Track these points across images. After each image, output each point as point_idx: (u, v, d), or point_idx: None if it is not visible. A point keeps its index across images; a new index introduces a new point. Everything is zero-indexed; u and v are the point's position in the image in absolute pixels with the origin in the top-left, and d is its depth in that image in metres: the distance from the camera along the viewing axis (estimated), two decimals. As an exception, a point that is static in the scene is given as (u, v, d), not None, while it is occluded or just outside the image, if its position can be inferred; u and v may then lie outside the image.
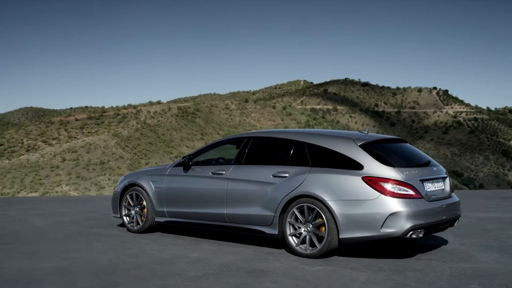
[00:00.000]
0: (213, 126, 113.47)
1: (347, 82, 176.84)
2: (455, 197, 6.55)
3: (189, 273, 5.34)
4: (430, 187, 6.06)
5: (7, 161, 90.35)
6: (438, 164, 6.63)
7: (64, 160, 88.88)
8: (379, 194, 5.69)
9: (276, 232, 6.32)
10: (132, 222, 7.80)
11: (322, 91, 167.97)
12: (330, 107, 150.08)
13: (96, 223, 8.84)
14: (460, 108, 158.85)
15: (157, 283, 4.95)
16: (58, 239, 7.33)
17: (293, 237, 6.17)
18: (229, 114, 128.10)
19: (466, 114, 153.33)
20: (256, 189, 6.50)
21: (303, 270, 5.46)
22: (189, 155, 7.34)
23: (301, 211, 6.11)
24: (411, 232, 5.67)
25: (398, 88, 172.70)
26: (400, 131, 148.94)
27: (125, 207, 7.90)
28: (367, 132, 6.66)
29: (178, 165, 7.45)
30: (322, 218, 5.91)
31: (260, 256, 6.14)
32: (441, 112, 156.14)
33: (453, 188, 6.67)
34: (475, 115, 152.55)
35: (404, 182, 5.76)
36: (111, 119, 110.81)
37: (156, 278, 5.15)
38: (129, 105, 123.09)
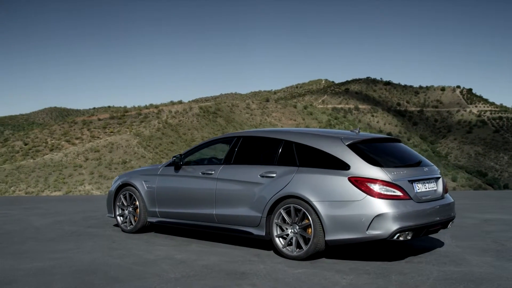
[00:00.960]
0: (234, 126, 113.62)
1: (369, 81, 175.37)
2: (449, 198, 6.36)
3: (169, 274, 5.26)
4: (420, 188, 5.89)
5: (31, 160, 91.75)
6: (432, 164, 6.45)
7: (87, 159, 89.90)
8: (365, 195, 5.54)
9: (264, 233, 6.21)
10: (126, 222, 7.77)
11: (343, 90, 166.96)
12: (351, 106, 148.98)
13: (93, 223, 8.84)
14: (484, 107, 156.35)
15: (132, 285, 4.89)
16: (50, 239, 7.33)
17: (280, 239, 6.06)
18: (250, 113, 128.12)
19: (491, 113, 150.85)
20: (244, 189, 6.40)
21: (285, 272, 5.34)
22: (180, 155, 7.28)
23: (288, 212, 5.99)
24: (398, 234, 5.51)
25: (420, 87, 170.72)
26: (423, 130, 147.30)
27: (119, 207, 7.87)
28: (358, 132, 6.51)
29: (169, 164, 7.39)
30: (308, 220, 5.79)
31: (246, 258, 6.04)
32: (465, 111, 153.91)
33: (447, 189, 6.48)
34: (499, 114, 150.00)
35: (391, 183, 5.60)
36: (133, 119, 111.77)
37: (134, 279, 5.08)
38: (151, 105, 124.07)
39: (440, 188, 6.22)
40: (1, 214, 10.33)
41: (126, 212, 7.76)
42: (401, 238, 5.56)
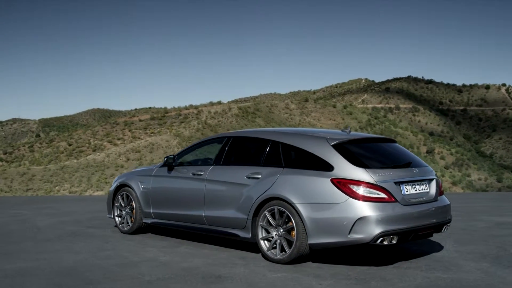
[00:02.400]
0: (273, 126, 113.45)
1: (410, 80, 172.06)
2: (444, 201, 6.07)
3: (144, 277, 5.19)
4: (409, 190, 5.63)
5: (75, 161, 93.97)
6: (425, 165, 6.16)
7: (128, 159, 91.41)
8: (348, 197, 5.33)
9: (249, 236, 6.07)
10: (123, 223, 7.76)
11: (384, 89, 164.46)
12: (392, 105, 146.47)
13: (96, 223, 8.87)
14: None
15: (102, 287, 4.84)
16: (47, 239, 7.37)
17: (265, 241, 5.91)
18: (289, 113, 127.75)
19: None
20: (231, 190, 6.28)
21: (263, 277, 5.19)
22: (173, 155, 7.22)
23: (273, 214, 5.83)
24: (382, 238, 5.27)
25: (464, 85, 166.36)
26: (467, 130, 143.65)
27: (117, 208, 7.87)
28: (349, 131, 6.30)
29: (163, 165, 7.34)
30: (292, 222, 5.63)
31: (230, 261, 5.91)
32: (511, 109, 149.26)
33: (442, 191, 6.19)
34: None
35: (375, 185, 5.36)
36: (173, 120, 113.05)
37: (107, 281, 5.02)
38: (191, 106, 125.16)
39: (433, 190, 5.93)
40: (13, 214, 10.50)
41: (124, 213, 7.75)
42: (385, 243, 5.32)
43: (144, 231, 7.74)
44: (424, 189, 5.83)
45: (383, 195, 5.36)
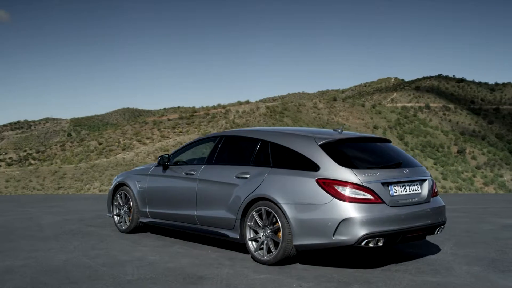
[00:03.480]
0: (301, 125, 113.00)
1: (441, 78, 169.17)
2: (438, 202, 5.88)
3: (126, 277, 5.16)
4: (398, 190, 5.48)
5: (105, 160, 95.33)
6: (419, 165, 5.99)
7: (157, 158, 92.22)
8: (332, 198, 5.21)
9: (238, 236, 6.00)
10: (121, 222, 7.78)
11: (414, 88, 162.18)
12: (422, 104, 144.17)
13: (98, 222, 8.90)
14: None
15: (82, 286, 4.82)
16: (44, 237, 7.42)
17: (253, 242, 5.83)
18: (317, 113, 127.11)
19: None
20: (221, 190, 6.22)
21: (245, 278, 5.12)
22: (168, 154, 7.20)
23: (260, 215, 5.75)
24: (367, 240, 5.14)
25: (496, 84, 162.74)
26: (499, 129, 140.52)
27: (116, 207, 7.89)
28: (341, 130, 6.17)
29: (158, 164, 7.33)
30: (278, 223, 5.53)
31: (218, 261, 5.85)
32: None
33: (436, 192, 6.00)
34: None
35: (361, 185, 5.23)
36: (201, 119, 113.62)
37: (88, 281, 5.01)
38: (219, 105, 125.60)
39: (425, 191, 5.76)
40: (20, 212, 10.64)
41: (122, 212, 7.77)
42: (370, 245, 5.19)
43: (142, 230, 7.74)
44: (415, 190, 5.67)
45: (369, 196, 5.22)
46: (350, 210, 5.13)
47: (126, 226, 7.66)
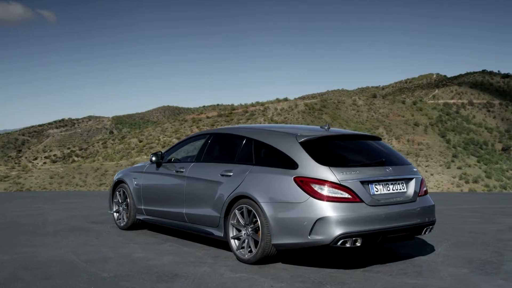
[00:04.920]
0: (340, 123, 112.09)
1: (484, 74, 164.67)
2: (426, 201, 5.67)
3: (102, 273, 5.19)
4: (379, 189, 5.31)
5: (145, 157, 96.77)
6: (407, 163, 5.80)
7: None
8: (309, 196, 5.10)
9: (222, 234, 5.95)
10: (120, 219, 7.84)
11: (456, 84, 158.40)
12: (465, 101, 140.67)
13: (102, 219, 8.98)
14: None
15: (57, 282, 4.86)
16: (45, 233, 7.54)
17: (235, 240, 5.77)
18: (357, 110, 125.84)
19: None
20: (206, 188, 6.18)
21: (220, 277, 5.06)
22: (161, 152, 7.21)
23: (242, 213, 5.69)
24: (343, 240, 5.01)
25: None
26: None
27: (115, 204, 7.96)
28: (328, 128, 6.04)
29: (152, 162, 7.34)
30: (258, 222, 5.46)
31: (201, 260, 5.81)
32: None
33: (425, 190, 5.80)
34: None
35: (338, 184, 5.09)
36: (239, 116, 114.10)
37: (65, 277, 5.05)
38: (257, 103, 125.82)
39: (411, 190, 5.57)
40: (32, 208, 10.86)
41: (121, 209, 7.83)
42: (347, 245, 5.05)
43: (140, 227, 7.78)
44: (400, 189, 5.49)
45: (346, 195, 5.09)
46: (326, 209, 5.01)
47: (124, 223, 7.71)
